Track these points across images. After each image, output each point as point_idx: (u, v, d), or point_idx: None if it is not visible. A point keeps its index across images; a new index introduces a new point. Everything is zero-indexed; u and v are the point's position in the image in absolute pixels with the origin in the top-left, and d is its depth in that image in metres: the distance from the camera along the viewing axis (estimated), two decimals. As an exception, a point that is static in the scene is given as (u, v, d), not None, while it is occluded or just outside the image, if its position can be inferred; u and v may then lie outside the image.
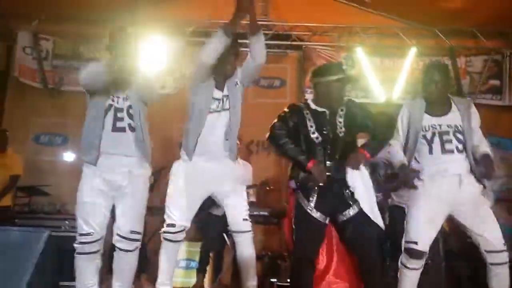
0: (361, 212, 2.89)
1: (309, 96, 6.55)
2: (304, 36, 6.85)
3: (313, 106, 3.06)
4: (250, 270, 3.19)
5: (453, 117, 3.05)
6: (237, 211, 3.17)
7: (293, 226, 3.02)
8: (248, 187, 4.62)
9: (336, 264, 3.02)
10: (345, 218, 2.91)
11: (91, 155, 2.98)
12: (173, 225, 3.07)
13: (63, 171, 6.06)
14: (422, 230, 2.93)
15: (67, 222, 5.00)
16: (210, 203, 3.41)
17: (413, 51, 6.59)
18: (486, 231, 2.88)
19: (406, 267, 2.95)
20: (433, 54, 6.74)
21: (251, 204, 3.81)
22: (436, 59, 6.14)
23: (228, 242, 5.32)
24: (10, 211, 5.17)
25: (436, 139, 3.01)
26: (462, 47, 6.68)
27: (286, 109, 3.14)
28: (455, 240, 4.49)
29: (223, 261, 5.64)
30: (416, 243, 2.90)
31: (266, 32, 6.90)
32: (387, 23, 6.79)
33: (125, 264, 3.03)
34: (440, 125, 3.04)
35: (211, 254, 5.34)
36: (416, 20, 6.69)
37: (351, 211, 2.90)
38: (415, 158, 3.10)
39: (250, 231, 3.18)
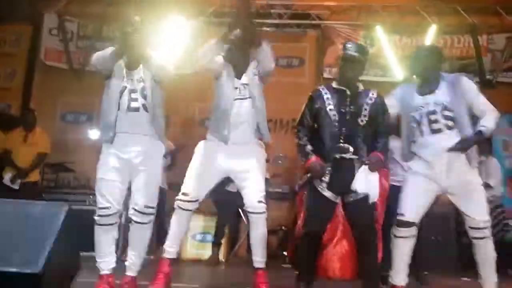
0: (367, 196, 2.97)
1: (327, 75, 6.63)
2: (323, 15, 6.85)
3: (335, 85, 3.11)
4: (260, 248, 3.32)
5: (441, 94, 3.07)
6: (253, 193, 3.25)
7: (304, 202, 3.13)
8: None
9: (336, 241, 3.11)
10: (352, 199, 2.98)
11: (107, 135, 3.14)
12: (186, 194, 3.23)
13: (88, 148, 6.20)
14: (409, 203, 3.06)
15: (91, 196, 5.24)
16: (225, 180, 3.54)
17: (433, 29, 6.52)
18: (473, 211, 3.00)
19: (395, 236, 3.08)
20: (454, 32, 6.66)
21: (266, 181, 3.89)
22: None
23: (243, 217, 5.50)
24: (37, 186, 5.44)
25: (424, 120, 3.06)
26: (484, 24, 6.56)
27: (307, 101, 3.16)
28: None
29: (238, 235, 5.84)
30: (403, 214, 3.04)
31: (285, 11, 6.95)
32: (406, 0, 6.72)
33: (140, 236, 3.20)
34: (427, 104, 3.07)
35: (226, 228, 5.52)
36: (437, -3, 6.61)
37: (359, 194, 2.96)
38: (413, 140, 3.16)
39: (264, 212, 3.28)
